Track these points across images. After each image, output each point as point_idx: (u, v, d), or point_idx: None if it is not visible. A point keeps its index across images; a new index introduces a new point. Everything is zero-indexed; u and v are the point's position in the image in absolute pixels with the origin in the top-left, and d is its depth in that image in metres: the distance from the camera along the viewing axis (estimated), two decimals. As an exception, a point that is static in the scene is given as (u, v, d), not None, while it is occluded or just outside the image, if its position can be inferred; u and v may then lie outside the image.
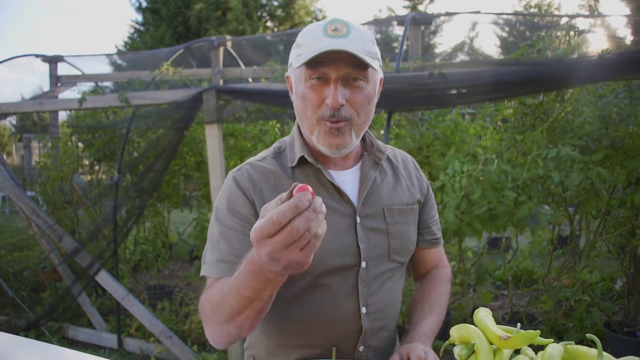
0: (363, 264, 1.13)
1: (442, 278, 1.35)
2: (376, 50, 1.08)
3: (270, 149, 1.23)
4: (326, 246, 1.00)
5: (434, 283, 1.33)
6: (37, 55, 5.74)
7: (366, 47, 1.03)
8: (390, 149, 1.31)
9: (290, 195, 0.73)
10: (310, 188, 0.74)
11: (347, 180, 1.18)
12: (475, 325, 0.99)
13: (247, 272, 0.84)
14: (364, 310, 1.13)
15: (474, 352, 0.95)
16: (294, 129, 1.21)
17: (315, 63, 1.02)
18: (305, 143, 1.16)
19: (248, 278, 0.84)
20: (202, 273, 1.11)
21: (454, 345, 1.01)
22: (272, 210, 0.73)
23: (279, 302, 1.06)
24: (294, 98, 1.13)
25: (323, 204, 0.75)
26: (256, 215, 1.07)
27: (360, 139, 1.13)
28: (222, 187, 1.16)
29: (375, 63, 1.06)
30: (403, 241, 1.20)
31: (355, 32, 1.03)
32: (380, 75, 1.13)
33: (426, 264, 1.36)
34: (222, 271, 1.04)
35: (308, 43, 1.04)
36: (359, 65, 1.02)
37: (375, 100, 1.13)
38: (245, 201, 1.10)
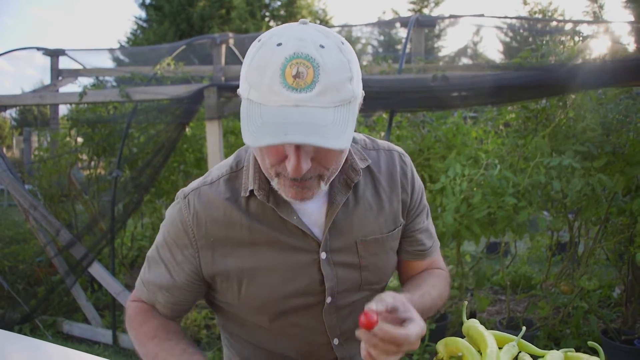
0: (328, 300, 1.01)
1: (437, 273, 1.17)
2: (352, 85, 0.78)
3: (228, 165, 1.02)
4: (285, 285, 0.98)
5: (427, 275, 1.14)
6: (38, 49, 5.64)
7: (341, 95, 0.76)
8: (374, 153, 1.07)
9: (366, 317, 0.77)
10: (373, 317, 0.77)
11: (313, 208, 0.98)
12: (465, 336, 0.98)
13: None
14: (335, 341, 1.06)
15: None
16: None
17: None
18: (261, 170, 0.94)
19: None
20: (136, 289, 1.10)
21: None
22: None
23: (251, 330, 1.06)
24: None
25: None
26: (196, 259, 0.99)
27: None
28: (167, 214, 1.03)
29: (353, 109, 0.80)
30: (378, 273, 1.06)
31: (324, 75, 0.74)
32: (359, 99, 0.84)
33: (414, 272, 1.17)
34: (151, 295, 1.04)
35: (260, 92, 0.77)
36: None
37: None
38: (188, 245, 0.99)
